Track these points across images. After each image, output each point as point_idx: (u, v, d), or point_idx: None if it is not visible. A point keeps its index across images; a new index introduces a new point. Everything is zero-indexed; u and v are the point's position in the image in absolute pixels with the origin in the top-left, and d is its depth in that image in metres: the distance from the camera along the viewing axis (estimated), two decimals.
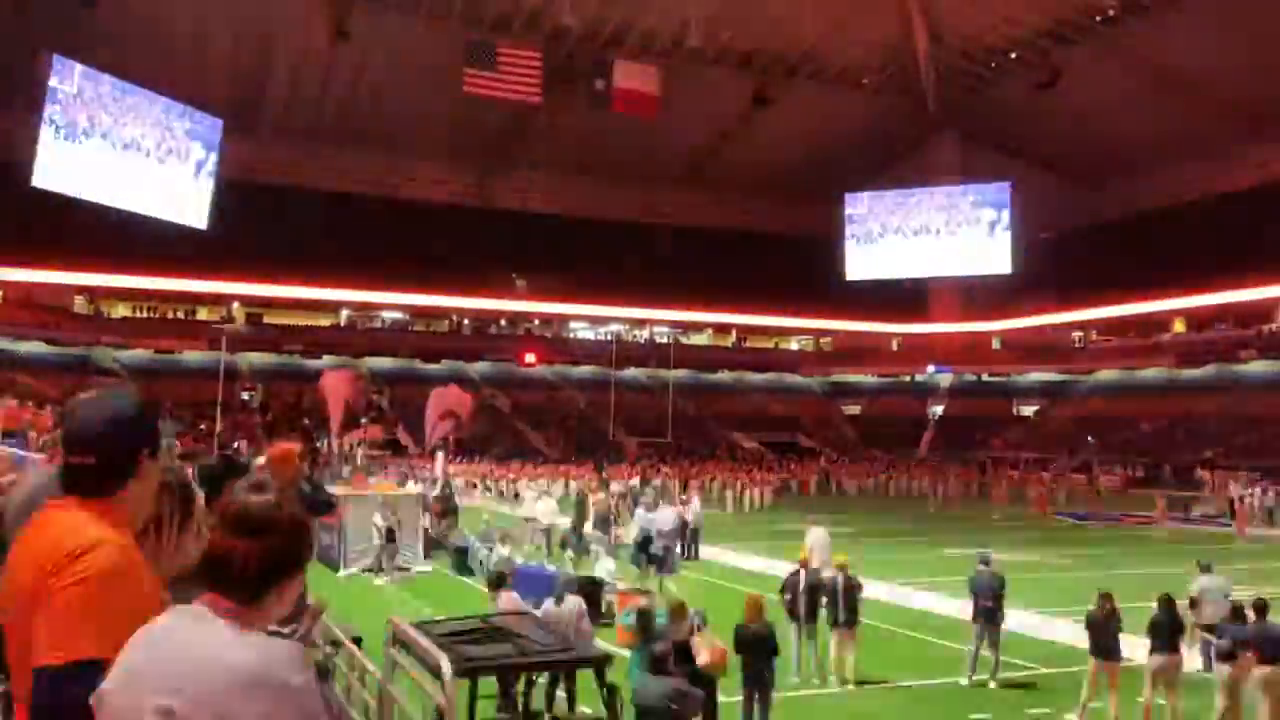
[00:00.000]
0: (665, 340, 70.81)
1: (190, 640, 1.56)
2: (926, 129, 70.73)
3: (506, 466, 44.82)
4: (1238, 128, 56.87)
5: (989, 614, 11.36)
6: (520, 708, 9.04)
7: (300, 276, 59.05)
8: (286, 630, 3.74)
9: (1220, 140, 58.02)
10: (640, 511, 23.20)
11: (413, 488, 25.34)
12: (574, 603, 9.95)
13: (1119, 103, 58.02)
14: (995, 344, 73.72)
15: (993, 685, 11.14)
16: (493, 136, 64.08)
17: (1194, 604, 11.42)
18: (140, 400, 2.16)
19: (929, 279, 74.22)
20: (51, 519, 1.96)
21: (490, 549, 18.74)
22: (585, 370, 67.66)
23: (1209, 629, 10.64)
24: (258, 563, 1.65)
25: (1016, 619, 14.54)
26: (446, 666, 5.14)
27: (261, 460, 6.64)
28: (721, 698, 8.88)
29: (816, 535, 15.85)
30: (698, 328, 75.61)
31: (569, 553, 20.35)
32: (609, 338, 67.92)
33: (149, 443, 2.07)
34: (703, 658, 8.15)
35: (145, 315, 60.92)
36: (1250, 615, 9.48)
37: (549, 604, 9.90)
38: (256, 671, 1.52)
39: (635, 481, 35.89)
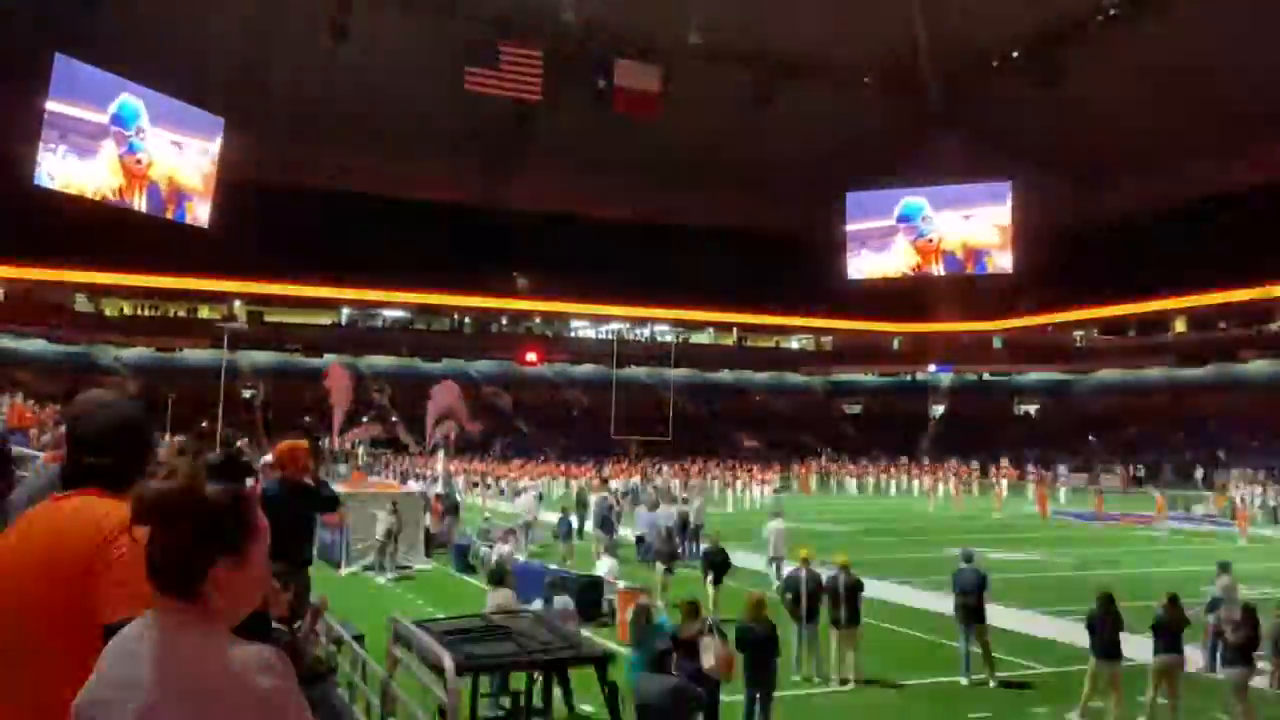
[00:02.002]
0: (666, 339, 70.83)
1: (150, 648, 1.49)
2: (928, 128, 70.62)
3: (508, 465, 44.84)
4: (1240, 127, 56.79)
5: (972, 611, 11.36)
6: (521, 706, 9.04)
7: (301, 275, 59.06)
8: (287, 629, 3.74)
9: (1222, 140, 57.94)
10: (641, 510, 23.25)
11: (413, 485, 25.34)
12: (563, 602, 9.97)
13: (1121, 102, 57.97)
14: (996, 343, 73.68)
15: (992, 684, 11.14)
16: (494, 135, 64.06)
17: (1214, 605, 11.40)
18: (142, 400, 2.24)
19: (930, 278, 74.19)
20: (80, 504, 1.99)
21: (491, 547, 18.75)
22: (586, 369, 67.68)
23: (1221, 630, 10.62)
24: (171, 553, 1.51)
25: (1018, 618, 14.55)
26: (449, 664, 5.14)
27: (269, 457, 6.64)
28: (723, 696, 8.89)
29: (773, 527, 17.28)
30: (699, 326, 75.59)
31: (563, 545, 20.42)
32: (610, 336, 67.93)
33: (153, 440, 2.20)
34: (708, 660, 8.13)
35: (146, 313, 60.93)
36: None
37: (538, 603, 9.91)
38: (221, 679, 1.46)
39: (636, 480, 35.89)
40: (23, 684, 1.84)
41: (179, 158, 56.27)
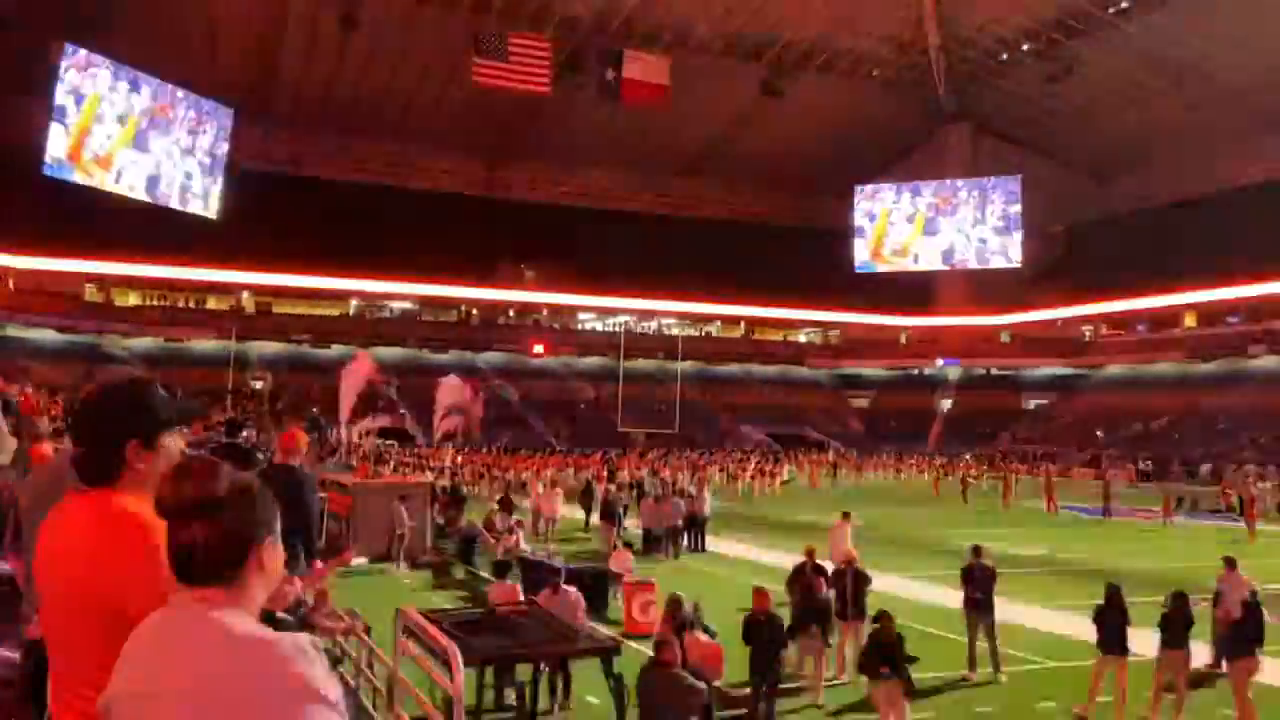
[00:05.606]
0: (673, 331, 70.80)
1: (191, 641, 1.50)
2: (937, 121, 70.47)
3: (514, 457, 44.89)
4: (1249, 122, 56.51)
5: (979, 605, 11.36)
6: (527, 697, 9.07)
7: (310, 266, 59.17)
8: (293, 618, 3.74)
9: (1231, 134, 57.68)
10: (648, 503, 23.25)
11: (417, 477, 25.35)
12: (571, 595, 9.98)
13: (1130, 96, 57.73)
14: (1004, 337, 73.53)
15: (1002, 679, 11.14)
16: (502, 126, 64.06)
17: (1218, 599, 11.38)
18: (136, 389, 2.10)
19: (938, 271, 74.01)
20: (88, 507, 1.99)
21: (497, 539, 18.80)
22: (593, 361, 67.72)
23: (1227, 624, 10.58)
24: (220, 542, 1.56)
25: (1025, 613, 14.53)
26: (457, 656, 5.14)
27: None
28: (729, 690, 8.90)
29: (840, 530, 16.11)
30: (706, 319, 75.58)
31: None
32: (617, 329, 67.96)
33: (134, 434, 2.03)
34: (689, 654, 8.08)
35: (155, 304, 61.14)
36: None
37: (546, 594, 9.93)
38: (265, 668, 1.46)
39: (643, 473, 35.89)
40: (75, 672, 1.88)
41: (188, 147, 56.31)
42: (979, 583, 11.48)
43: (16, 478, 6.04)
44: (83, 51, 49.56)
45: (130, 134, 53.13)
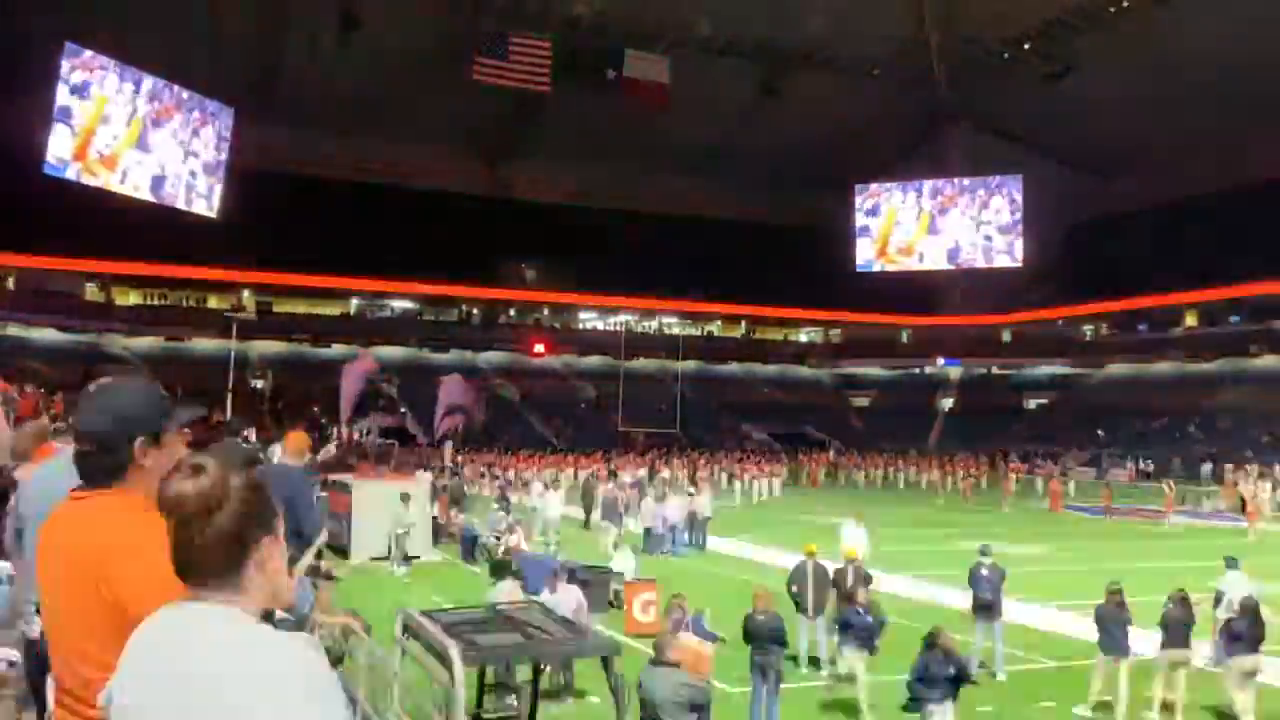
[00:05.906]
0: (674, 331, 70.79)
1: (195, 639, 1.50)
2: (937, 120, 70.39)
3: (515, 456, 44.92)
4: (1250, 121, 56.45)
5: (988, 606, 11.38)
6: (529, 696, 9.06)
7: (310, 265, 59.14)
8: (293, 617, 3.74)
9: (1233, 133, 57.60)
10: (649, 502, 23.28)
11: (420, 476, 25.37)
12: (572, 593, 9.98)
13: (1131, 95, 57.62)
14: (1005, 337, 73.51)
15: (1000, 678, 11.14)
16: (502, 126, 64.01)
17: (1218, 599, 11.39)
18: (142, 388, 2.15)
19: (938, 271, 73.98)
20: (91, 506, 2.01)
21: (498, 538, 18.82)
22: (594, 360, 67.70)
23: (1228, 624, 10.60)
24: (220, 541, 1.56)
25: (1026, 612, 14.53)
26: (456, 655, 5.14)
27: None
28: (730, 689, 8.90)
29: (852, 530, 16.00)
30: (706, 319, 75.59)
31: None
32: (618, 328, 67.92)
33: (143, 431, 2.07)
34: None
35: (156, 303, 61.14)
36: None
37: (546, 593, 9.94)
38: (267, 666, 1.46)
39: (643, 472, 35.90)
40: (75, 672, 1.90)
41: (188, 147, 56.27)
42: (988, 584, 11.49)
43: (16, 477, 6.03)
44: (87, 52, 49.51)
45: (135, 134, 53.06)
